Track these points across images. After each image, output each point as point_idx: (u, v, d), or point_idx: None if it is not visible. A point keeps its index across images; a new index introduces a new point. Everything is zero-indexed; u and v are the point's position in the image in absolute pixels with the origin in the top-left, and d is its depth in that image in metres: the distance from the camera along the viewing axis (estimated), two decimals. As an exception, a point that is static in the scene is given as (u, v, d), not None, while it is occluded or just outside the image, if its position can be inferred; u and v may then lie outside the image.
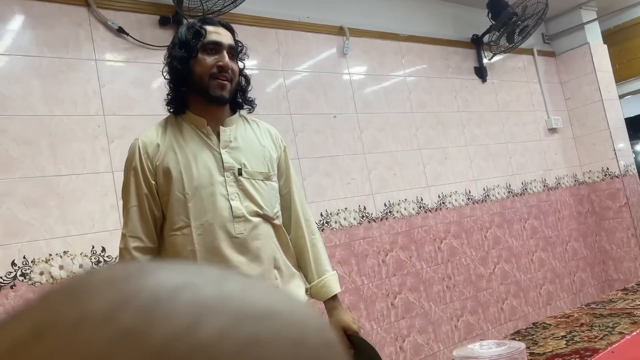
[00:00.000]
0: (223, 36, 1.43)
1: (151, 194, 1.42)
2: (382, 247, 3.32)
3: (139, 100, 2.53)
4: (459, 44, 4.19)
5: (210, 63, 1.40)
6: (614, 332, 3.08)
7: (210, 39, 1.41)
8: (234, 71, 1.44)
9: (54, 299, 0.16)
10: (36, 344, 0.15)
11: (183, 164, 1.40)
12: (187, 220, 1.38)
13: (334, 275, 1.59)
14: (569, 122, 4.94)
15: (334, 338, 0.16)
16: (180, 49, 1.42)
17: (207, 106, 1.44)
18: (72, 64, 2.38)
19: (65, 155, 2.28)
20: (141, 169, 1.42)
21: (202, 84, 1.41)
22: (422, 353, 3.34)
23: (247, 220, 1.40)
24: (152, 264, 0.17)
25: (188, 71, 1.42)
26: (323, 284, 1.55)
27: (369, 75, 3.57)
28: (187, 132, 1.44)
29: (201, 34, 1.41)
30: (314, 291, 1.56)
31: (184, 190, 1.39)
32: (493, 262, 3.93)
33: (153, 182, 1.41)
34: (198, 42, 1.41)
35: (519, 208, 4.25)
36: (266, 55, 3.10)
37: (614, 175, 4.72)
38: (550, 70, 4.94)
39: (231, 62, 1.43)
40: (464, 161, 3.96)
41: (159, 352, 0.14)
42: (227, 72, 1.41)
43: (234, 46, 1.45)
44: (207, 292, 0.15)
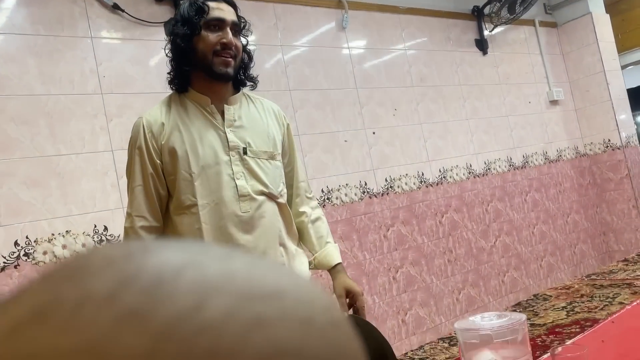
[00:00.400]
0: (226, 12, 1.41)
1: (156, 173, 1.42)
2: (384, 222, 3.33)
3: (137, 78, 2.51)
4: (459, 15, 4.13)
5: (214, 40, 1.38)
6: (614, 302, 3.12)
7: (213, 16, 1.39)
8: (238, 48, 1.42)
9: (55, 278, 0.16)
10: (38, 324, 0.15)
11: (189, 143, 1.40)
12: (194, 199, 1.38)
13: (335, 246, 1.62)
14: (570, 94, 4.91)
15: (341, 317, 0.16)
16: (183, 26, 1.40)
17: (211, 84, 1.43)
18: (68, 42, 2.36)
19: (64, 135, 2.28)
20: (146, 148, 1.41)
21: (205, 61, 1.39)
22: (424, 326, 3.38)
23: (252, 199, 1.41)
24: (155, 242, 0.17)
25: (191, 48, 1.40)
26: (326, 253, 1.57)
27: (369, 49, 3.53)
28: (191, 111, 1.43)
29: (204, 10, 1.38)
30: (317, 261, 1.58)
31: (190, 169, 1.39)
32: (494, 235, 3.95)
33: (158, 161, 1.41)
34: (201, 19, 1.38)
35: (520, 181, 4.25)
36: (264, 30, 3.06)
37: (615, 147, 4.70)
38: (552, 42, 4.88)
39: (234, 38, 1.41)
40: (464, 135, 3.94)
41: (164, 333, 0.14)
42: (230, 49, 1.39)
43: (237, 22, 1.43)
44: (212, 271, 0.15)
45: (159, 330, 0.14)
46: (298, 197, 1.61)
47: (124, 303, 0.14)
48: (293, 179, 1.61)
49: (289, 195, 1.58)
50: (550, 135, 4.62)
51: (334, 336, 0.15)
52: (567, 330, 2.91)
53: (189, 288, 0.14)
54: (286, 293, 0.15)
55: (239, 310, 0.14)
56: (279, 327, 0.14)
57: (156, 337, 0.14)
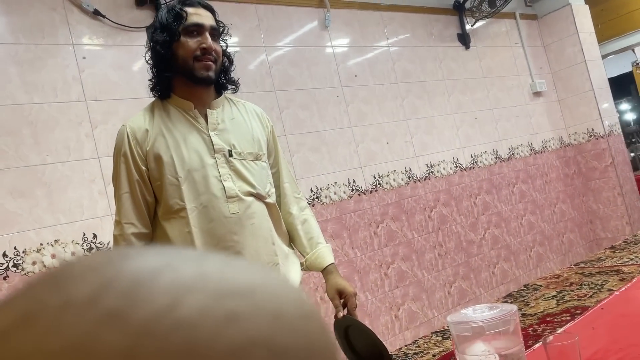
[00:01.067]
0: (204, 17, 1.41)
1: (142, 180, 1.41)
2: (373, 219, 3.34)
3: (121, 83, 2.49)
4: (440, 11, 4.15)
5: (193, 45, 1.39)
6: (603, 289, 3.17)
7: (191, 21, 1.39)
8: (218, 52, 1.43)
9: (39, 287, 0.16)
10: (23, 330, 0.15)
11: (173, 148, 1.40)
12: (182, 203, 1.38)
13: (327, 246, 1.62)
14: (553, 85, 4.96)
15: (312, 310, 0.17)
16: (162, 33, 1.40)
17: (193, 89, 1.43)
18: (49, 50, 2.34)
19: (48, 144, 2.25)
20: (131, 155, 1.41)
21: (186, 66, 1.40)
22: (417, 320, 3.40)
23: (240, 200, 1.41)
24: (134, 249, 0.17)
25: (171, 55, 1.40)
26: (317, 255, 1.57)
27: (352, 47, 3.54)
28: (174, 116, 1.44)
29: (182, 16, 1.39)
30: (309, 263, 1.58)
31: (177, 174, 1.39)
32: (483, 228, 3.99)
33: (144, 167, 1.41)
34: (179, 25, 1.39)
35: (507, 173, 4.29)
36: (247, 32, 3.05)
37: (599, 136, 4.77)
38: (533, 34, 4.93)
39: (214, 42, 1.41)
40: (450, 129, 3.97)
41: (142, 330, 0.14)
42: (211, 54, 1.40)
43: (216, 27, 1.43)
44: (187, 272, 0.16)
45: (137, 328, 0.14)
46: (285, 197, 1.61)
47: (104, 305, 0.15)
48: (279, 179, 1.61)
49: (276, 195, 1.58)
50: (535, 126, 4.67)
51: (304, 328, 0.16)
52: (558, 318, 2.95)
53: (165, 289, 0.15)
54: (257, 289, 0.16)
55: (213, 307, 0.15)
56: (250, 321, 0.15)
57: (135, 335, 0.14)
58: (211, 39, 1.40)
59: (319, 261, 1.57)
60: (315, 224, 1.65)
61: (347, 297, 1.52)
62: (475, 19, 4.24)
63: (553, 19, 4.90)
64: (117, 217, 1.42)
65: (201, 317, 0.15)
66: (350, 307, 1.52)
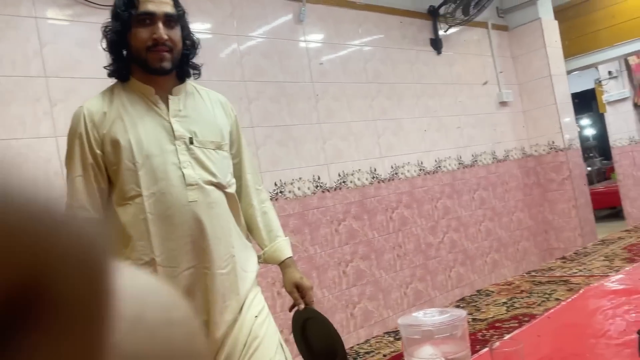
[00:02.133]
0: (157, 4, 1.35)
1: (97, 164, 1.37)
2: (335, 217, 3.35)
3: (85, 61, 2.42)
4: (415, 14, 4.19)
5: (145, 36, 1.34)
6: (551, 298, 3.27)
7: (142, 10, 1.34)
8: (173, 40, 1.38)
9: None
10: None
11: (132, 132, 1.36)
12: (139, 189, 1.34)
13: (286, 240, 1.61)
14: (519, 96, 5.08)
15: (182, 317, 0.16)
16: (116, 21, 1.36)
17: (150, 76, 1.40)
18: (10, 21, 2.24)
19: (3, 119, 2.17)
20: (87, 137, 1.36)
21: (139, 57, 1.36)
22: (372, 319, 3.44)
23: (200, 188, 1.38)
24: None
25: (126, 43, 1.36)
26: (275, 248, 1.57)
27: (326, 44, 3.53)
28: (135, 101, 1.39)
29: (133, 4, 1.33)
30: (267, 256, 1.57)
31: (134, 159, 1.35)
32: (442, 232, 4.05)
33: (99, 151, 1.36)
34: (130, 14, 1.34)
35: (469, 179, 4.37)
36: (220, 19, 3.01)
37: (558, 149, 4.91)
38: (503, 44, 5.03)
39: (169, 30, 1.36)
40: (417, 132, 4.01)
41: None
42: (164, 44, 1.35)
43: (171, 13, 1.37)
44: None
45: None
46: (247, 188, 1.59)
47: None
48: (241, 170, 1.59)
49: (237, 186, 1.56)
50: (499, 135, 4.77)
51: (166, 335, 0.15)
52: (507, 325, 3.03)
53: None
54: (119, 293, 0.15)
55: None
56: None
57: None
58: (166, 27, 1.36)
59: (277, 254, 1.57)
60: (275, 216, 1.64)
61: (305, 291, 1.52)
62: (449, 25, 4.29)
63: (523, 32, 5.01)
64: (68, 201, 1.37)
65: None
66: (308, 301, 1.52)
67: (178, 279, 1.34)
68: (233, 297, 1.40)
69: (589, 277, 3.52)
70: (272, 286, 2.90)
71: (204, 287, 1.36)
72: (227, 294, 1.39)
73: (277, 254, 1.57)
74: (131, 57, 1.38)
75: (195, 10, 2.89)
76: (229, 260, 1.40)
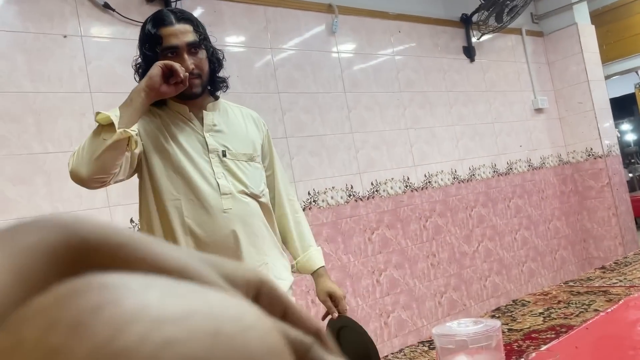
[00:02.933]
0: (179, 36, 1.40)
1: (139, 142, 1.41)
2: (369, 226, 3.36)
3: (126, 77, 2.51)
4: (448, 23, 4.18)
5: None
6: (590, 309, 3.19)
7: (166, 45, 1.39)
8: (199, 66, 1.43)
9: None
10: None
11: (170, 145, 1.43)
12: (177, 194, 1.41)
13: (318, 250, 1.64)
14: (555, 102, 4.99)
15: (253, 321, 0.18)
16: (144, 58, 1.43)
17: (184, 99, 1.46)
18: (58, 40, 2.36)
19: (51, 133, 2.28)
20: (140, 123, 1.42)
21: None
22: (405, 328, 3.43)
23: (234, 197, 1.44)
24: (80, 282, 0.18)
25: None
26: (308, 257, 1.61)
27: (358, 54, 3.57)
28: (171, 118, 1.47)
29: (158, 41, 1.39)
30: (299, 265, 1.61)
31: (174, 167, 1.42)
32: (477, 240, 4.01)
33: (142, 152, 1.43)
34: (156, 50, 1.40)
35: (504, 187, 4.32)
36: (254, 33, 3.08)
37: (597, 156, 4.79)
38: (538, 50, 4.96)
39: (193, 58, 1.42)
40: (450, 141, 3.99)
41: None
42: (191, 73, 1.41)
43: (193, 41, 1.42)
44: (127, 305, 0.17)
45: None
46: (280, 199, 1.64)
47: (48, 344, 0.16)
48: (274, 182, 1.64)
49: (270, 198, 1.61)
50: (534, 142, 4.70)
51: (243, 341, 0.17)
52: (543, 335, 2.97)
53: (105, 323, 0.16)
54: (195, 313, 0.17)
55: (150, 335, 0.16)
56: (187, 343, 0.16)
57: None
58: (191, 55, 1.41)
59: (309, 264, 1.60)
60: (307, 226, 1.68)
61: (337, 300, 1.55)
62: (482, 33, 4.26)
63: (559, 37, 4.93)
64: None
65: (139, 346, 0.16)
66: (341, 310, 1.55)
67: None
68: None
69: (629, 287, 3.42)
70: (307, 294, 2.94)
71: None
72: None
73: (309, 264, 1.60)
74: None
75: (230, 25, 2.98)
76: (262, 267, 1.44)
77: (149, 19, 1.45)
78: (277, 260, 1.53)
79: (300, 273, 1.64)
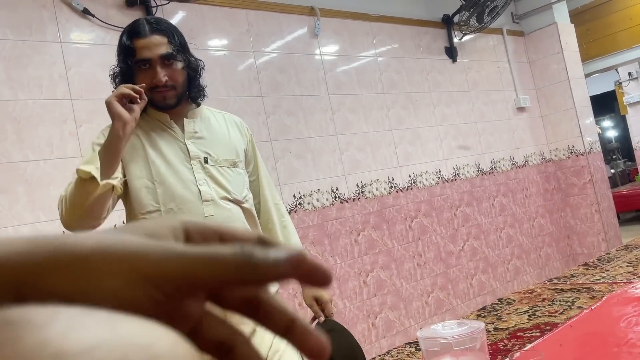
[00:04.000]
0: (152, 48, 1.39)
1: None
2: (355, 227, 3.37)
3: (107, 83, 2.48)
4: (429, 24, 4.21)
5: (147, 81, 1.39)
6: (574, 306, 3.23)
7: (139, 58, 1.39)
8: (173, 78, 1.42)
9: None
10: None
11: (150, 153, 1.42)
12: (157, 205, 1.40)
13: None
14: (537, 101, 5.05)
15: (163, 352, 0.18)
16: (120, 69, 1.43)
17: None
18: (37, 47, 2.33)
19: (31, 141, 2.25)
20: None
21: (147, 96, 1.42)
22: (393, 329, 3.44)
23: (216, 203, 1.43)
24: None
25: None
26: None
27: (341, 56, 3.58)
28: (151, 125, 1.47)
29: (131, 52, 1.39)
30: None
31: (152, 177, 1.41)
32: (462, 240, 4.04)
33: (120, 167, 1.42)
34: (130, 62, 1.39)
35: (488, 186, 4.35)
36: (236, 36, 3.07)
37: (579, 153, 4.86)
38: (519, 50, 5.01)
39: (167, 69, 1.41)
40: (434, 141, 4.02)
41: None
42: (165, 85, 1.40)
43: (167, 54, 1.41)
44: (27, 342, 0.16)
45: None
46: (266, 204, 1.64)
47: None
48: (259, 187, 1.64)
49: (256, 203, 1.61)
50: (517, 141, 4.74)
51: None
52: (528, 334, 3.01)
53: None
54: (100, 346, 0.17)
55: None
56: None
57: None
58: (165, 67, 1.40)
59: None
60: (294, 230, 1.68)
61: (324, 304, 1.55)
62: (463, 33, 4.30)
63: (539, 37, 4.99)
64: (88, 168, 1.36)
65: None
66: (327, 313, 1.55)
67: None
68: None
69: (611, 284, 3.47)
70: (294, 297, 2.93)
71: None
72: None
73: None
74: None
75: (212, 29, 2.97)
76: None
77: (125, 29, 1.44)
78: None
79: None
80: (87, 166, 1.29)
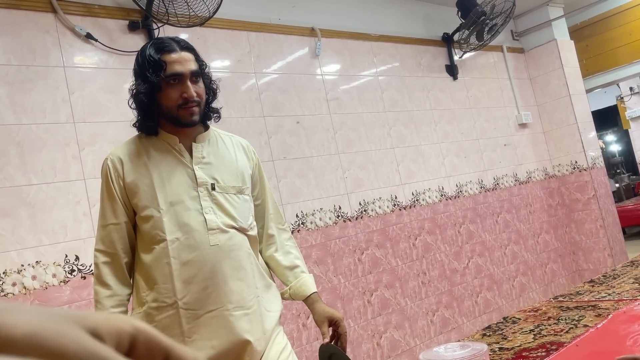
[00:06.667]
0: (184, 64, 1.41)
1: (126, 212, 1.45)
2: (358, 246, 3.36)
3: (110, 106, 2.52)
4: (430, 42, 4.24)
5: (175, 96, 1.40)
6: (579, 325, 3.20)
7: (171, 71, 1.40)
8: (200, 94, 1.44)
9: None
10: None
11: (157, 180, 1.42)
12: (163, 234, 1.40)
13: (310, 276, 1.64)
14: (538, 117, 5.06)
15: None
16: (144, 83, 1.41)
17: (179, 128, 1.46)
18: (40, 72, 2.36)
19: (35, 164, 2.26)
20: (114, 188, 1.44)
21: (171, 114, 1.42)
22: (398, 349, 3.40)
23: (222, 232, 1.43)
24: None
25: (155, 102, 1.42)
26: (301, 283, 1.60)
27: (342, 76, 3.60)
28: (159, 149, 1.46)
29: (161, 66, 1.39)
30: (292, 291, 1.61)
31: (159, 206, 1.41)
32: (467, 257, 4.02)
33: (126, 200, 1.44)
34: (159, 76, 1.39)
35: (492, 203, 4.34)
36: (238, 58, 3.10)
37: (582, 168, 4.85)
38: (520, 67, 5.04)
39: (196, 86, 1.43)
40: (436, 158, 4.02)
41: None
42: (193, 101, 1.41)
43: (196, 70, 1.44)
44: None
45: None
46: (270, 229, 1.63)
47: None
48: (264, 210, 1.64)
49: (260, 226, 1.61)
50: (520, 157, 4.74)
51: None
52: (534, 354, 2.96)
53: None
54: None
55: None
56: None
57: None
58: (193, 83, 1.42)
59: (302, 289, 1.60)
60: (299, 254, 1.68)
61: (338, 323, 1.55)
62: (464, 51, 4.33)
63: (539, 53, 5.02)
64: (100, 246, 1.45)
65: None
66: (342, 331, 1.55)
67: (200, 320, 1.37)
68: (259, 336, 1.43)
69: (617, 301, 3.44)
70: (298, 318, 2.91)
71: (227, 329, 1.39)
72: (251, 333, 1.41)
73: (302, 289, 1.60)
74: (160, 113, 1.44)
75: (214, 50, 3.00)
76: (253, 301, 1.44)
77: (150, 44, 1.44)
78: (267, 292, 1.52)
79: (293, 299, 1.63)
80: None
